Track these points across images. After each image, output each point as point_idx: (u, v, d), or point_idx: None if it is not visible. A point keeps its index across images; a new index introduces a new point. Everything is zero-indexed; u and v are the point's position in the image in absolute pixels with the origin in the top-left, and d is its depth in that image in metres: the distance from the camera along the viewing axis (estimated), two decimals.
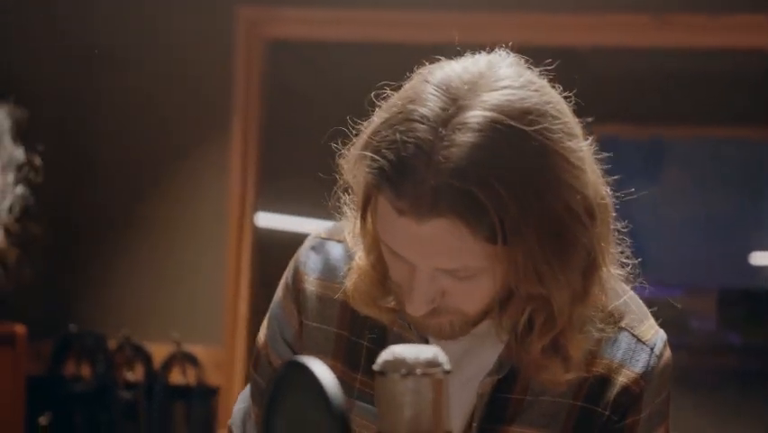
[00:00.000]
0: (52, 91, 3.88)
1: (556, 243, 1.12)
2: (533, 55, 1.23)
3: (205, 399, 3.80)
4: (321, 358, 1.31)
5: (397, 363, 0.99)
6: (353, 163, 1.17)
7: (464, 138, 1.09)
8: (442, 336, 1.23)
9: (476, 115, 1.10)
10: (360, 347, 1.30)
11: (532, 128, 1.11)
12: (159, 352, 3.79)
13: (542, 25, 3.72)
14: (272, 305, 1.40)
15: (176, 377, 3.80)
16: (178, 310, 3.84)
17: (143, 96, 3.90)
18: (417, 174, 1.09)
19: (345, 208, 1.27)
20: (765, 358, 5.88)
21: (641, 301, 1.32)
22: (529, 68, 1.19)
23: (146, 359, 3.78)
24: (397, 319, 1.28)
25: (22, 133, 0.91)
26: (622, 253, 1.24)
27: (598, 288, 1.20)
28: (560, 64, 1.25)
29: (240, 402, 1.46)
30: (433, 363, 0.99)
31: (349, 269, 1.28)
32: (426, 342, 1.26)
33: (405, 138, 1.10)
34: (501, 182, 1.08)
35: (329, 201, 1.27)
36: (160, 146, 3.89)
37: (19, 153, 0.89)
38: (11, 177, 0.87)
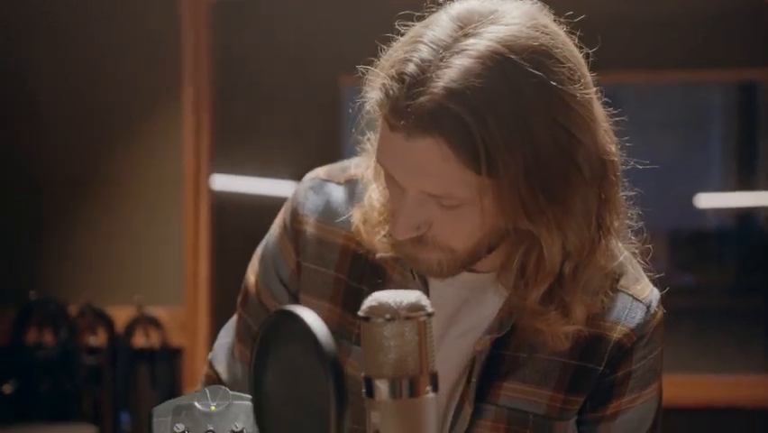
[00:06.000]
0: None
1: (545, 181, 1.13)
2: None
3: (169, 360, 3.80)
4: (319, 301, 1.32)
5: (381, 308, 1.01)
6: (370, 87, 1.18)
7: (461, 62, 1.10)
8: (432, 274, 1.23)
9: (479, 43, 1.12)
10: (360, 292, 1.29)
11: (532, 65, 1.12)
12: (121, 316, 3.79)
13: None
14: (265, 244, 1.39)
15: (139, 340, 3.80)
16: (138, 274, 3.83)
17: (93, 62, 3.86)
18: (412, 90, 1.11)
19: (367, 145, 1.28)
20: (718, 297, 5.99)
21: (635, 261, 1.32)
22: (556, 19, 1.19)
23: (108, 323, 3.78)
24: (397, 265, 1.28)
25: None
26: (630, 217, 1.25)
27: (600, 252, 1.21)
28: None
29: (222, 337, 1.45)
30: (416, 307, 1.01)
31: (350, 211, 1.29)
32: (426, 288, 1.27)
33: (408, 57, 1.13)
34: (491, 111, 1.09)
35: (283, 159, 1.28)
36: (115, 112, 3.86)
37: None
38: None
